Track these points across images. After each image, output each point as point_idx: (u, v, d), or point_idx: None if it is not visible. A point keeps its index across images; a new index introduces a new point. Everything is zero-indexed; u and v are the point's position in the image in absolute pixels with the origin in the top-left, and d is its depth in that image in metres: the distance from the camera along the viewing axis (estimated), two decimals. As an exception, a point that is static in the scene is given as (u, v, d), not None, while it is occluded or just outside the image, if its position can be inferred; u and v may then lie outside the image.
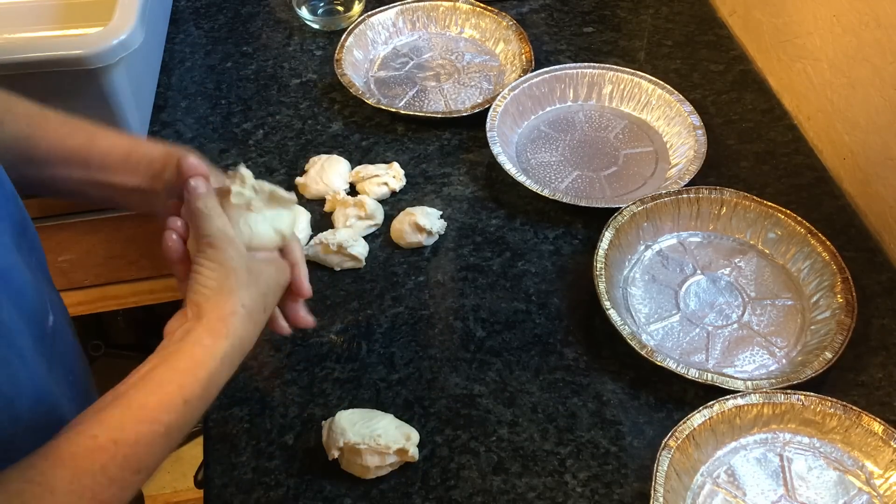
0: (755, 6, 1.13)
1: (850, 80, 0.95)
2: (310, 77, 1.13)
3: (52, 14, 1.13)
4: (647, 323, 0.85)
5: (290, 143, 1.04)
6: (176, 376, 0.54)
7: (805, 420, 0.75)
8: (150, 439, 0.52)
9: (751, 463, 0.74)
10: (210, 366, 0.55)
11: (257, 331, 0.60)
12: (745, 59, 1.14)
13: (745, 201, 0.91)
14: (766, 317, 0.85)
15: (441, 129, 1.05)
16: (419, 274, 0.90)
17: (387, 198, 0.97)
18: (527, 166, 1.00)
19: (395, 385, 0.80)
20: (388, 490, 0.73)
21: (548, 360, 0.82)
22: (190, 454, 1.71)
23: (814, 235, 0.87)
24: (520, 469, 0.74)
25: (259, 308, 0.60)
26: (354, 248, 0.88)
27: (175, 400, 0.53)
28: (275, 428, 0.77)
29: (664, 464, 0.70)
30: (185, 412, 0.54)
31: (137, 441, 0.52)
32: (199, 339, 0.56)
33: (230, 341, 0.57)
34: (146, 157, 0.66)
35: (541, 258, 0.91)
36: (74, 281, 1.17)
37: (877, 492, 0.72)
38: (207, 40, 1.19)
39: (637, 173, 1.00)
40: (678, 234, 0.92)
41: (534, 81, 1.06)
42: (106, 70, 0.90)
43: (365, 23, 1.16)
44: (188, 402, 0.54)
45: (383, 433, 0.72)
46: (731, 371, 0.81)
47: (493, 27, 1.16)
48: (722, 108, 1.07)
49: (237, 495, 0.73)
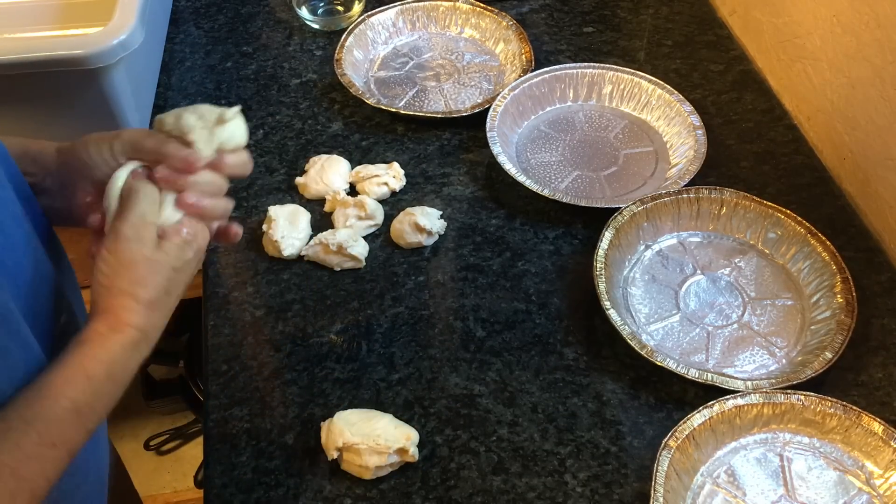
0: (755, 6, 1.13)
1: (850, 80, 0.95)
2: (310, 77, 1.13)
3: (52, 14, 1.13)
4: (647, 323, 0.85)
5: (290, 143, 1.04)
6: (77, 358, 0.56)
7: (805, 420, 0.75)
8: (59, 414, 0.54)
9: (751, 463, 0.74)
10: (111, 350, 0.57)
11: (164, 314, 0.61)
12: (745, 59, 1.14)
13: (745, 201, 0.91)
14: (766, 317, 0.85)
15: (441, 129, 1.05)
16: (419, 274, 0.90)
17: (387, 198, 0.97)
18: (527, 166, 1.00)
19: (395, 385, 0.80)
20: (388, 490, 0.73)
21: (548, 360, 0.82)
22: (190, 454, 1.71)
23: (814, 235, 0.87)
24: (520, 469, 0.74)
25: (161, 295, 0.60)
26: (354, 248, 0.88)
27: (77, 376, 0.55)
28: (275, 428, 0.77)
29: (664, 464, 0.70)
30: (90, 388, 0.56)
31: (47, 417, 0.54)
32: (97, 328, 0.57)
33: (127, 333, 0.58)
34: (39, 150, 0.66)
35: (541, 258, 0.91)
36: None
37: (877, 492, 0.72)
38: (207, 40, 1.19)
39: (637, 173, 1.00)
40: (678, 234, 0.92)
41: (534, 81, 1.06)
42: (106, 70, 0.90)
43: (365, 23, 1.16)
44: (91, 378, 0.56)
45: (382, 433, 0.72)
46: (731, 371, 0.81)
47: (493, 27, 1.16)
48: (722, 108, 1.07)
49: (237, 495, 0.73)
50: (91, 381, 0.56)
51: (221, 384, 0.81)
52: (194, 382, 1.61)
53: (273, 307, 0.87)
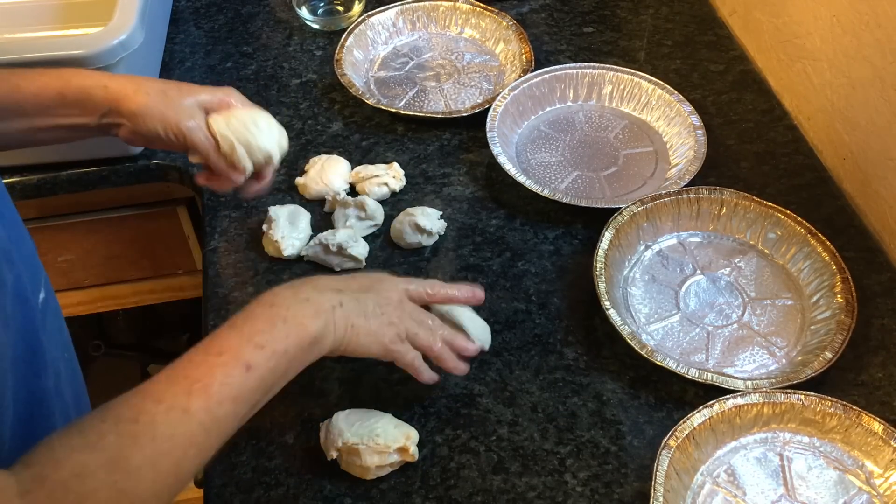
0: (755, 6, 1.13)
1: (850, 81, 0.95)
2: (310, 77, 1.13)
3: (52, 14, 1.13)
4: (647, 323, 0.85)
5: (291, 143, 1.03)
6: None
7: (805, 420, 0.75)
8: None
9: (751, 462, 0.74)
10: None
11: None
12: (745, 59, 1.14)
13: (745, 201, 0.91)
14: (766, 317, 0.85)
15: (441, 129, 1.05)
16: (419, 274, 0.90)
17: (387, 198, 0.97)
18: (527, 166, 1.00)
19: (395, 385, 0.80)
20: (388, 490, 0.73)
21: (548, 360, 0.82)
22: (190, 454, 1.71)
23: (814, 235, 0.87)
24: (520, 469, 0.74)
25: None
26: (354, 248, 0.88)
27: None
28: (275, 428, 0.77)
29: (664, 463, 0.70)
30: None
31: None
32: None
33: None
34: (83, 94, 0.67)
35: (541, 258, 0.91)
36: (74, 281, 1.17)
37: (877, 491, 0.72)
38: (207, 40, 1.19)
39: (637, 173, 1.00)
40: (678, 234, 0.92)
41: (534, 81, 1.06)
42: (106, 70, 0.90)
43: (365, 23, 1.16)
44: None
45: (382, 433, 0.72)
46: (731, 371, 0.81)
47: (493, 27, 1.16)
48: (722, 108, 1.07)
49: (237, 495, 0.73)
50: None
51: (221, 384, 0.81)
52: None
53: (273, 307, 0.87)
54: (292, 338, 0.62)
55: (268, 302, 0.63)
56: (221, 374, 0.57)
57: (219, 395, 0.56)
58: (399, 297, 0.71)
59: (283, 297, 0.64)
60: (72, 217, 1.09)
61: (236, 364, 0.58)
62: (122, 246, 1.15)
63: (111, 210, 1.10)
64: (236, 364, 0.58)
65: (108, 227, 1.12)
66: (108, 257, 1.16)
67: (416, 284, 0.73)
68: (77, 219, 1.09)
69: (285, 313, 0.62)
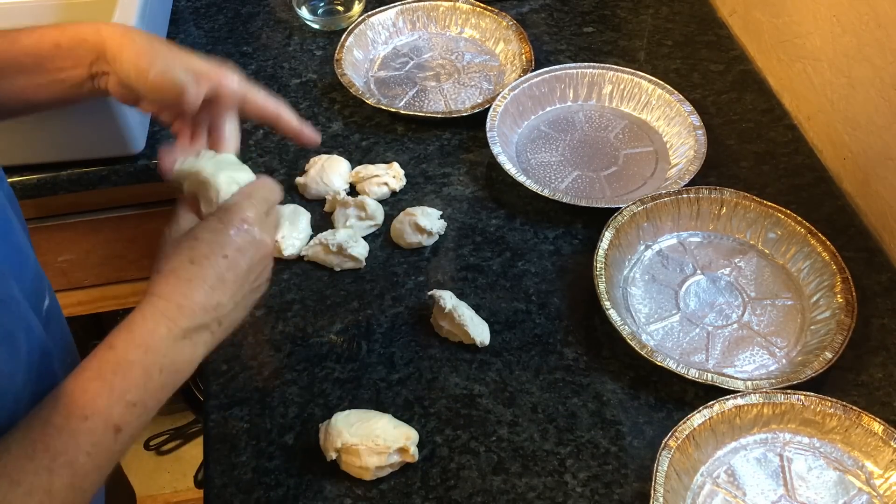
0: (755, 6, 1.13)
1: (850, 80, 0.95)
2: (310, 77, 1.13)
3: (52, 14, 1.13)
4: (647, 323, 0.85)
5: (291, 143, 1.04)
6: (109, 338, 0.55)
7: (805, 420, 0.75)
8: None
9: (751, 463, 0.74)
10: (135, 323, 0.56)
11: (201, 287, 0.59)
12: (745, 59, 1.14)
13: (745, 201, 0.91)
14: (766, 317, 0.85)
15: (441, 129, 1.05)
16: (419, 274, 0.90)
17: (387, 198, 0.97)
18: (527, 166, 1.00)
19: (395, 385, 0.80)
20: (388, 490, 0.73)
21: (548, 360, 0.82)
22: (190, 454, 1.71)
23: (814, 235, 0.87)
24: (520, 469, 0.74)
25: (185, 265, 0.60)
26: (354, 248, 0.88)
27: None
28: (275, 428, 0.77)
29: (664, 464, 0.70)
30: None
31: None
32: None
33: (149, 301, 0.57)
34: (77, 39, 0.64)
35: (541, 258, 0.91)
36: (74, 281, 1.17)
37: (877, 492, 0.72)
38: (207, 40, 1.19)
39: (637, 173, 1.00)
40: (678, 234, 0.92)
41: (534, 81, 1.06)
42: (106, 70, 0.90)
43: (365, 23, 1.16)
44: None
45: (381, 433, 0.72)
46: (731, 371, 0.81)
47: (493, 27, 1.16)
48: (722, 108, 1.07)
49: (237, 495, 0.73)
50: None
51: (221, 384, 0.81)
52: (194, 382, 1.61)
53: (273, 307, 0.87)
54: (169, 388, 0.55)
55: (143, 345, 0.54)
56: (88, 443, 0.50)
57: (85, 468, 0.50)
58: (256, 259, 0.62)
59: (160, 335, 0.54)
60: (72, 217, 1.09)
61: (105, 428, 0.51)
62: (122, 246, 1.15)
63: (111, 210, 1.10)
64: (105, 428, 0.51)
65: (108, 227, 1.12)
66: (108, 257, 1.16)
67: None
68: (77, 219, 1.09)
69: (162, 361, 0.54)
